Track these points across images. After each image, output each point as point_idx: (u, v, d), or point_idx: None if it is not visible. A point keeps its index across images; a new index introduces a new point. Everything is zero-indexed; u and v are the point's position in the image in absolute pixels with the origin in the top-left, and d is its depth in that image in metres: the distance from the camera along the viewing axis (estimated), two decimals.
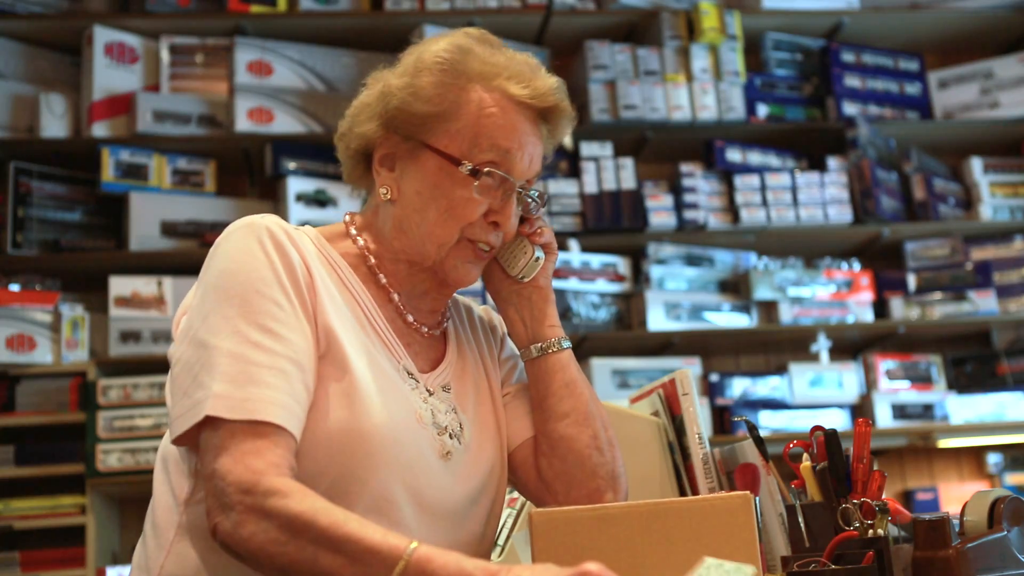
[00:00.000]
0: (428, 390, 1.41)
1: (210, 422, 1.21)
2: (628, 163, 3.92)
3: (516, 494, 1.72)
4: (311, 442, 1.26)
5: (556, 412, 1.46)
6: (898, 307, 4.02)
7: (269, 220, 1.34)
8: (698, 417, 1.67)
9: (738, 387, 3.89)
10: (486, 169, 1.38)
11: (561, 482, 1.45)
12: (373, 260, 1.44)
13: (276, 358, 1.25)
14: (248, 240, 1.32)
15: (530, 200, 1.46)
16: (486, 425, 1.48)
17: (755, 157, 4.10)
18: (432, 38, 1.47)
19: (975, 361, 4.13)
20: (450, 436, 1.40)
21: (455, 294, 1.59)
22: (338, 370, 1.30)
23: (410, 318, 1.45)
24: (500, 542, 1.74)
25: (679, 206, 3.95)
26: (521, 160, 1.41)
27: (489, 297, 1.59)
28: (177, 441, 1.26)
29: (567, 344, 1.50)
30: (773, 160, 4.14)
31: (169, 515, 1.33)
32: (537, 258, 1.48)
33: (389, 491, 1.29)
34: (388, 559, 1.10)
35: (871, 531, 1.32)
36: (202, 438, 1.23)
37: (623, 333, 3.84)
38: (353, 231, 1.46)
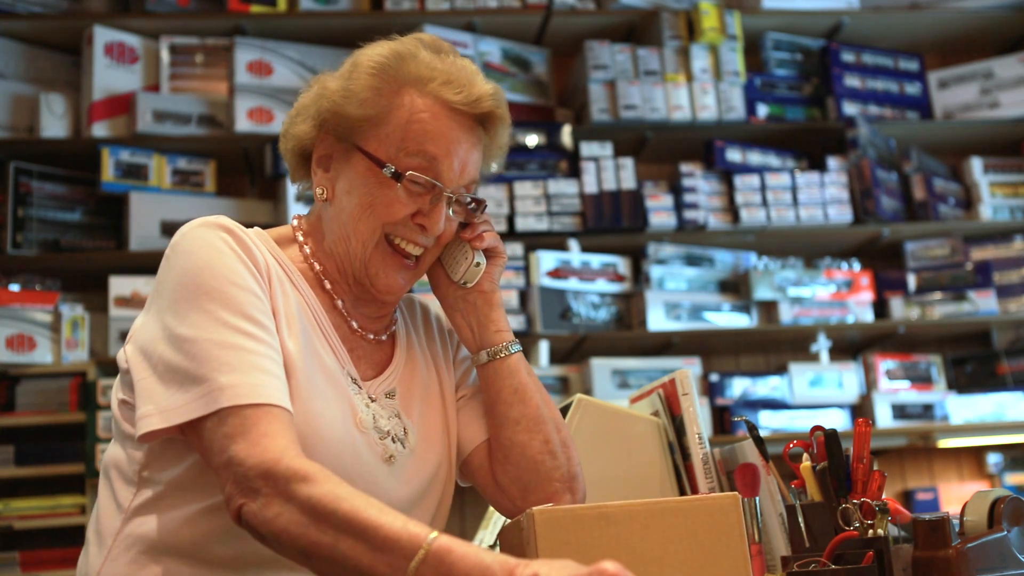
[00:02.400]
0: (371, 397, 1.43)
1: (217, 412, 1.22)
2: (628, 163, 3.92)
3: None
4: None
5: (507, 418, 1.47)
6: (898, 307, 4.02)
7: (223, 219, 1.36)
8: (698, 417, 1.67)
9: (738, 387, 3.88)
10: (408, 173, 1.39)
11: (517, 487, 1.46)
12: (318, 267, 1.45)
13: (267, 347, 1.28)
14: (211, 237, 1.33)
15: (466, 205, 1.46)
16: (433, 429, 1.49)
17: (755, 157, 4.10)
18: (376, 43, 1.47)
19: (975, 361, 4.13)
20: (393, 440, 1.41)
21: (412, 295, 1.61)
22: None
23: (355, 324, 1.46)
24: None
25: (679, 206, 3.95)
26: (450, 167, 1.41)
27: None
28: (148, 436, 1.26)
29: (516, 348, 1.50)
30: (773, 160, 4.14)
31: (111, 523, 1.35)
32: (478, 263, 1.48)
33: None
34: (408, 548, 1.10)
35: (871, 531, 1.32)
36: (207, 429, 1.23)
37: (623, 333, 3.84)
38: (300, 236, 1.48)
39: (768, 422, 3.88)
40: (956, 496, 4.08)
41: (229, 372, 1.23)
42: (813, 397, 3.93)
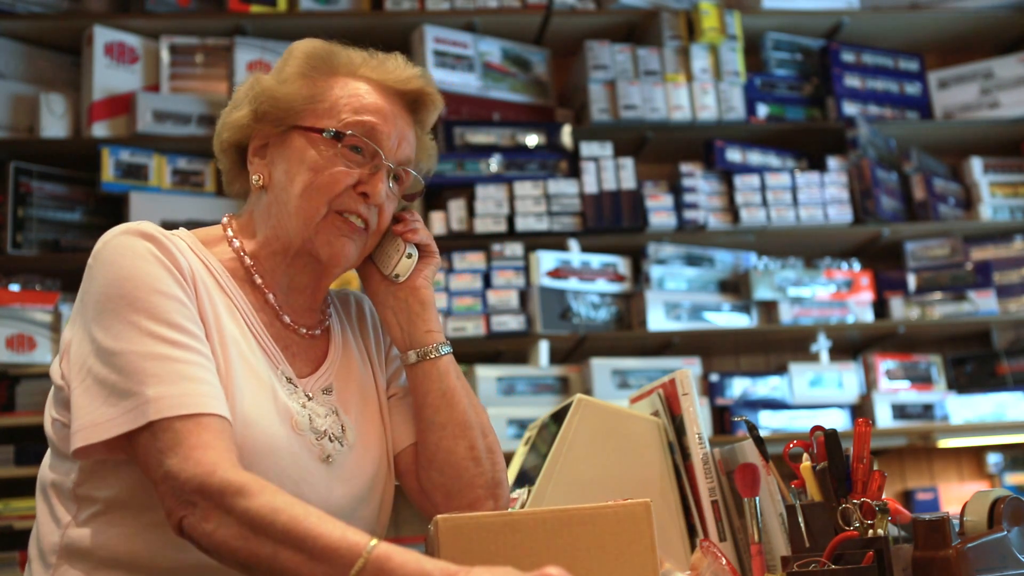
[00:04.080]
0: (307, 395, 1.41)
1: (148, 426, 1.21)
2: (628, 163, 3.92)
3: (515, 494, 1.72)
4: None
5: (433, 422, 1.46)
6: (898, 307, 4.02)
7: (145, 225, 1.34)
8: (698, 417, 1.67)
9: (738, 387, 3.88)
10: (348, 132, 1.41)
11: (440, 493, 1.45)
12: (249, 260, 1.44)
13: (194, 354, 1.26)
14: (133, 244, 1.31)
15: (403, 178, 1.47)
16: (372, 425, 1.48)
17: (755, 157, 4.10)
18: (308, 39, 1.52)
19: (975, 361, 4.13)
20: (330, 439, 1.40)
21: (347, 291, 1.60)
22: None
23: (287, 319, 1.45)
24: None
25: (679, 206, 3.95)
26: (388, 135, 1.43)
27: None
28: (82, 452, 1.24)
29: (446, 350, 1.49)
30: (773, 160, 4.14)
31: (52, 539, 1.33)
32: (409, 255, 1.48)
33: None
34: (347, 557, 1.10)
35: (871, 531, 1.32)
36: (141, 444, 1.22)
37: (623, 333, 3.84)
38: (230, 233, 1.47)
39: (768, 422, 3.88)
40: (956, 496, 4.08)
41: (156, 384, 1.21)
42: (813, 397, 3.93)
